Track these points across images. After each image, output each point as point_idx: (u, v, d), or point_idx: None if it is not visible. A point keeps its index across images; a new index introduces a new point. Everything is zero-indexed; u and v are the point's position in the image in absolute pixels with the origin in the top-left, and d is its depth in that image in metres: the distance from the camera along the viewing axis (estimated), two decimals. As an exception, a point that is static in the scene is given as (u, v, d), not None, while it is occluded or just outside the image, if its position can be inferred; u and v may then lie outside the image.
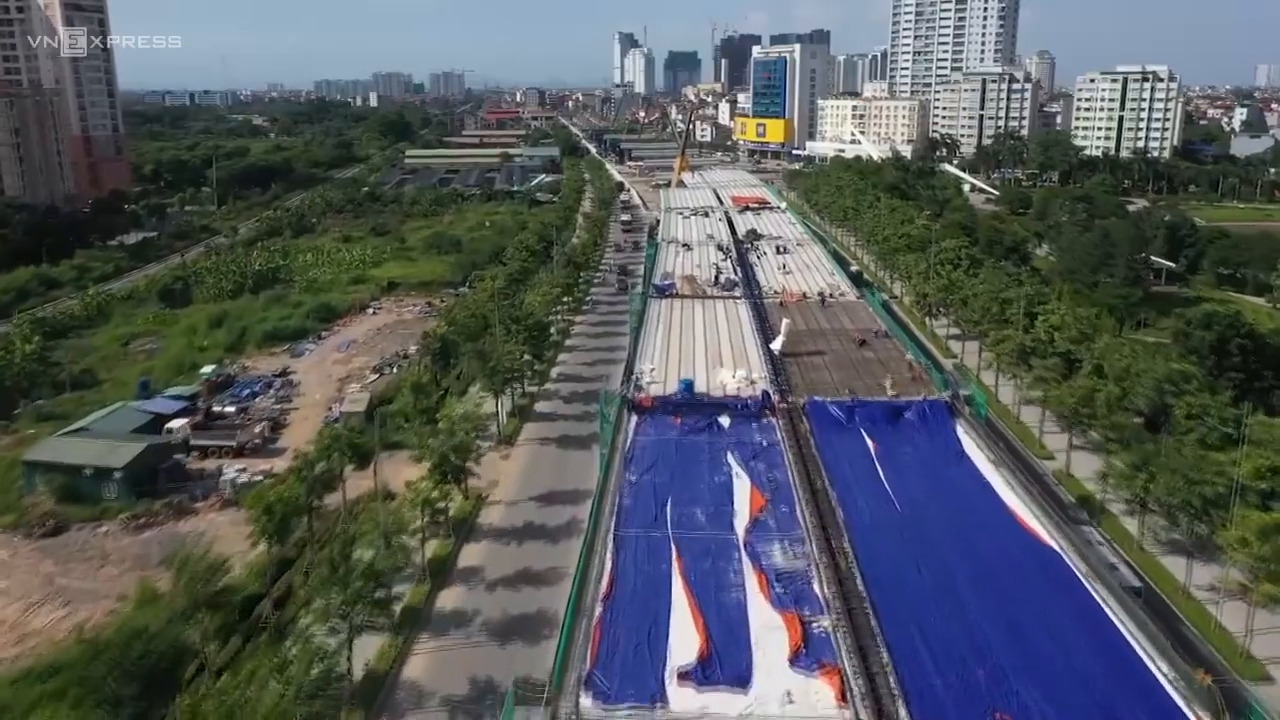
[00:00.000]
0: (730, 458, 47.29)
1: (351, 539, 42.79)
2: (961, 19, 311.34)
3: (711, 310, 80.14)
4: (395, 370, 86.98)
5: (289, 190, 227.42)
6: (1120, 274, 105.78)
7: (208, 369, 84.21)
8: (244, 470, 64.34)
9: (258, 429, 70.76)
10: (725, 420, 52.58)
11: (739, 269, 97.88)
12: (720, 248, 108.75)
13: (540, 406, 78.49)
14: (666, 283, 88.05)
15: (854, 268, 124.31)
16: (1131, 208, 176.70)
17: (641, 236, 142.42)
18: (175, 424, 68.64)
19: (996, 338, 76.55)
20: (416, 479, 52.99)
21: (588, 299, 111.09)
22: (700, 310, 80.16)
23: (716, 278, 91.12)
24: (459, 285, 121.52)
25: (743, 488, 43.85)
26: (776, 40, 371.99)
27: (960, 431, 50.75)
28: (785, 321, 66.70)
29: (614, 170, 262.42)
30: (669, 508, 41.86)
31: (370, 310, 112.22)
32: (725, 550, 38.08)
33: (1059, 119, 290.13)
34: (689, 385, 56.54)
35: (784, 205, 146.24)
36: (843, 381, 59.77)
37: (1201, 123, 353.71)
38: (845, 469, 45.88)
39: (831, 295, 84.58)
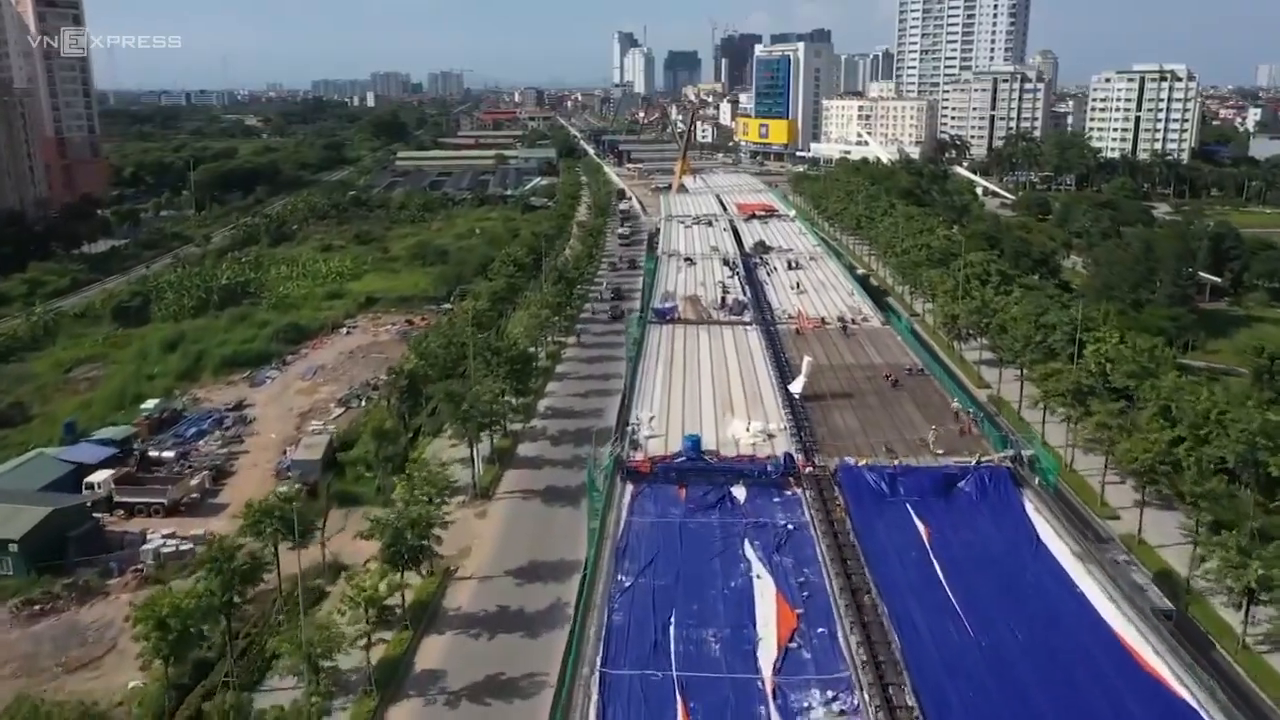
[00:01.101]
0: (748, 548, 37.84)
1: (266, 664, 33.29)
2: (971, 17, 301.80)
3: (719, 339, 70.62)
4: (364, 403, 77.66)
5: (273, 194, 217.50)
6: (1166, 291, 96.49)
7: (150, 404, 74.63)
8: (173, 535, 54.90)
9: (195, 481, 61.28)
10: (740, 492, 43.11)
11: (747, 288, 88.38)
12: (726, 262, 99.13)
13: (524, 449, 69.02)
14: (667, 306, 78.44)
15: (859, 271, 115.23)
16: (1156, 213, 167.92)
17: (640, 252, 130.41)
18: (98, 476, 59.09)
19: (1044, 371, 67.05)
20: (363, 565, 43.62)
21: (579, 324, 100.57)
22: (706, 339, 70.63)
23: (723, 299, 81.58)
24: (442, 301, 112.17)
25: (767, 596, 34.41)
26: (777, 40, 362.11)
27: (1030, 509, 41.26)
28: (807, 360, 57.10)
29: (613, 174, 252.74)
30: (672, 628, 32.43)
31: (344, 330, 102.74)
32: (748, 701, 28.63)
33: (1069, 119, 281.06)
34: (695, 442, 47.06)
35: (793, 213, 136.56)
36: (877, 435, 50.37)
37: (1214, 123, 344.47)
38: (894, 566, 36.42)
39: (854, 321, 75.02)
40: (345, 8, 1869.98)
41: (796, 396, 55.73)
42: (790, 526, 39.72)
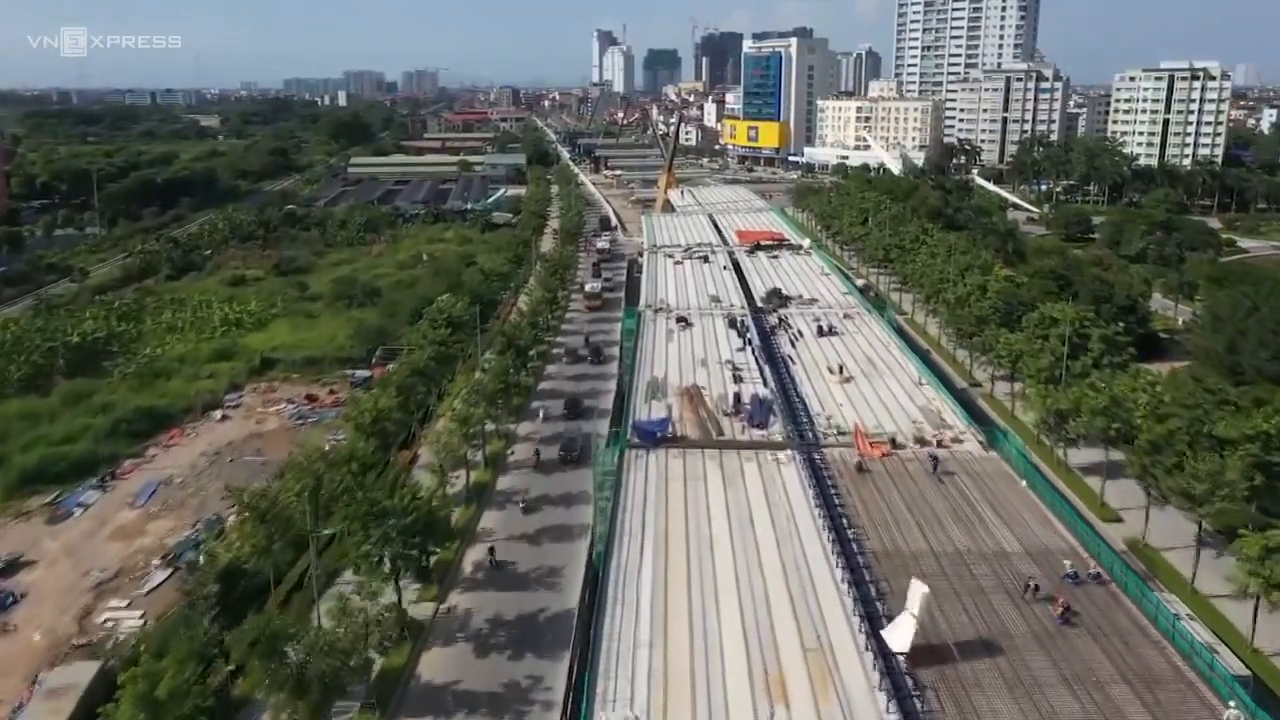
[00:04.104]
0: None
1: None
2: (977, 10, 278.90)
3: (738, 484, 44.70)
4: (203, 558, 51.04)
5: (202, 207, 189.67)
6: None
7: None
8: None
9: None
10: None
11: (767, 368, 62.53)
12: (734, 325, 73.08)
13: (430, 667, 42.35)
14: (656, 421, 51.98)
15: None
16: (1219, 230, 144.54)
17: (614, 327, 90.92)
18: None
19: (1264, 544, 41.58)
20: None
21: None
22: (719, 483, 44.74)
23: (736, 397, 55.63)
24: (360, 364, 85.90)
25: None
26: (759, 38, 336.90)
27: None
28: (919, 590, 30.99)
29: (590, 185, 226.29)
30: None
31: (218, 413, 76.11)
32: None
33: (1081, 121, 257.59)
34: None
35: (808, 243, 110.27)
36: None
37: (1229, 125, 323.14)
38: None
39: (939, 442, 49.24)
40: (340, 7, 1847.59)
41: (900, 657, 30.24)
42: None
